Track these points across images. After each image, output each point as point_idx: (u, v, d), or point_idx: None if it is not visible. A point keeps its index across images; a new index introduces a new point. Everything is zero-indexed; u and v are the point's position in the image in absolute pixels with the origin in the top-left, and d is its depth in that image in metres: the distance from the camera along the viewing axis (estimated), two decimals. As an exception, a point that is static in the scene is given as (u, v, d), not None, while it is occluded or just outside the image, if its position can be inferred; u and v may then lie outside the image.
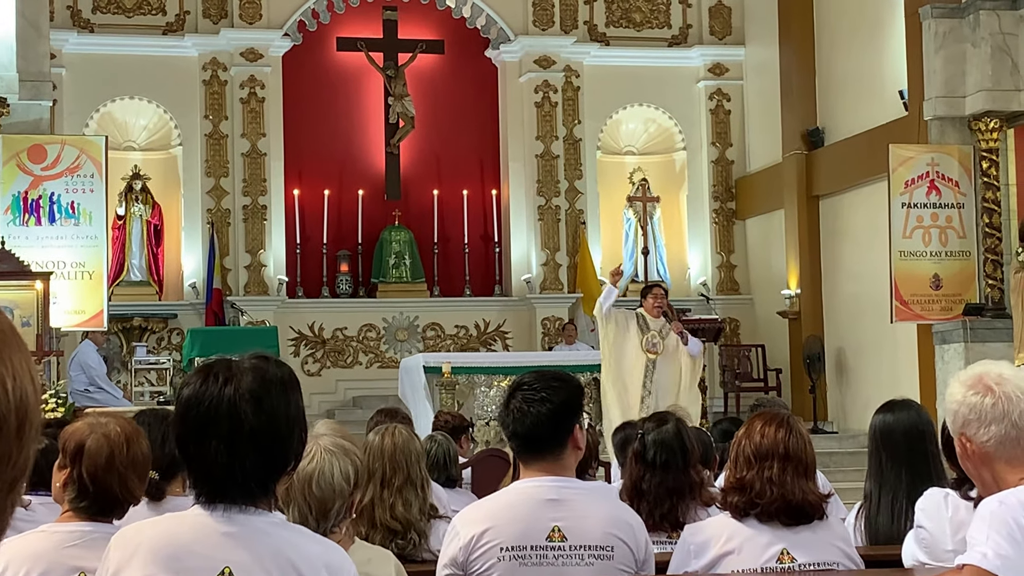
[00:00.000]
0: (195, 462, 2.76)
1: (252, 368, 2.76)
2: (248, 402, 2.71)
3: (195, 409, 2.74)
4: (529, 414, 4.05)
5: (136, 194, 19.40)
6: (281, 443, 2.74)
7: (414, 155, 20.74)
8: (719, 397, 19.17)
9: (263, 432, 2.71)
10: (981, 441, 3.30)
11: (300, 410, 2.80)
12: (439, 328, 20.10)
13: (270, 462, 2.74)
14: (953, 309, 15.51)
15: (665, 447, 5.14)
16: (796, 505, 4.30)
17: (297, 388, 2.80)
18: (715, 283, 20.90)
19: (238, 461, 2.71)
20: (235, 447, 2.70)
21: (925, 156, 15.68)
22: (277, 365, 2.81)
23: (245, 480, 2.73)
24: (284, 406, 2.75)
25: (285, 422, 2.75)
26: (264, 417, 2.72)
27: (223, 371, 2.76)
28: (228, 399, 2.72)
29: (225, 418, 2.71)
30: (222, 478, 2.73)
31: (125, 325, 18.84)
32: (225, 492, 2.73)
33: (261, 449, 2.72)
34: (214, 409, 2.72)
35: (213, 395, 2.73)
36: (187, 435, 2.76)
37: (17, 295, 13.49)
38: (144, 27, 19.64)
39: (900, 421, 5.22)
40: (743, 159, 21.13)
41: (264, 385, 2.74)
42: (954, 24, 15.55)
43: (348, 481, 3.74)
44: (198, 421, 2.73)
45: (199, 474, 2.77)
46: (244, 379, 2.74)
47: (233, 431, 2.70)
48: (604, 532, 4.07)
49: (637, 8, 21.21)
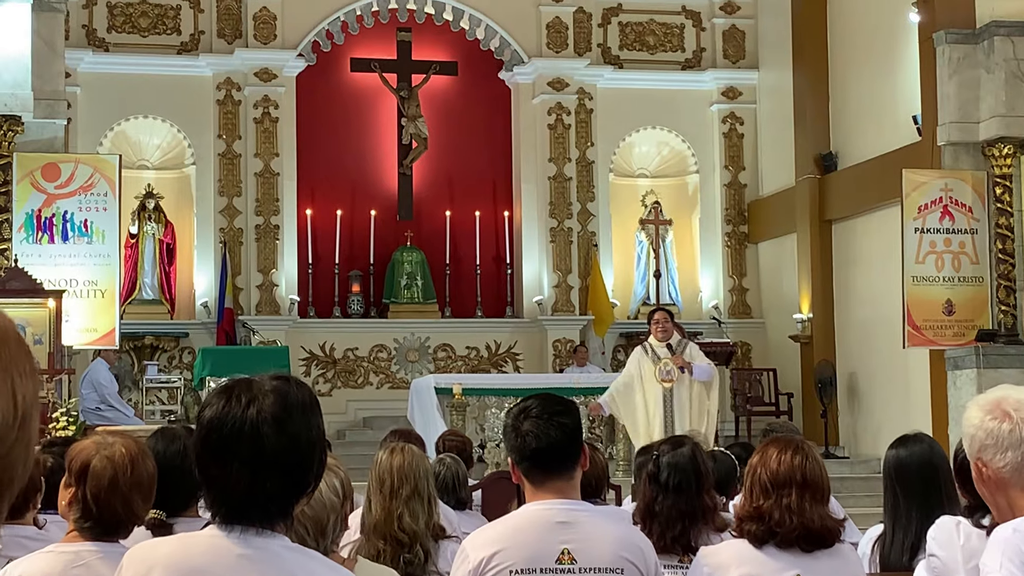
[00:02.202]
0: (215, 483, 2.75)
1: (274, 390, 2.75)
2: (270, 425, 2.70)
3: (217, 431, 2.72)
4: (552, 429, 4.06)
5: (149, 213, 19.43)
6: (302, 466, 2.73)
7: (427, 176, 20.76)
8: (730, 421, 19.13)
9: (285, 455, 2.70)
10: (997, 467, 3.28)
11: (321, 432, 2.79)
12: (450, 349, 20.09)
13: (291, 485, 2.73)
14: (966, 335, 15.47)
15: (679, 470, 5.11)
16: (815, 532, 4.28)
17: (318, 410, 2.79)
18: (727, 306, 20.87)
19: (259, 484, 2.69)
20: (257, 470, 2.69)
21: (938, 182, 15.66)
22: (298, 386, 2.79)
23: (266, 503, 2.71)
24: (306, 429, 2.73)
25: (307, 445, 2.73)
26: (286, 440, 2.70)
27: (245, 392, 2.74)
28: (251, 421, 2.70)
29: (248, 440, 2.69)
30: (242, 500, 2.71)
31: (137, 344, 18.86)
32: (244, 514, 2.71)
33: (283, 472, 2.70)
34: (237, 431, 2.70)
35: (236, 417, 2.71)
36: (208, 457, 2.74)
37: (29, 313, 13.50)
38: (159, 46, 19.70)
39: (914, 456, 5.18)
40: (756, 183, 21.12)
41: (286, 408, 2.72)
42: (968, 50, 15.55)
43: (338, 494, 3.76)
44: (220, 443, 2.72)
45: (218, 495, 2.76)
46: (266, 401, 2.72)
47: (255, 454, 2.69)
48: (614, 554, 4.05)
49: (651, 31, 21.24)
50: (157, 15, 19.78)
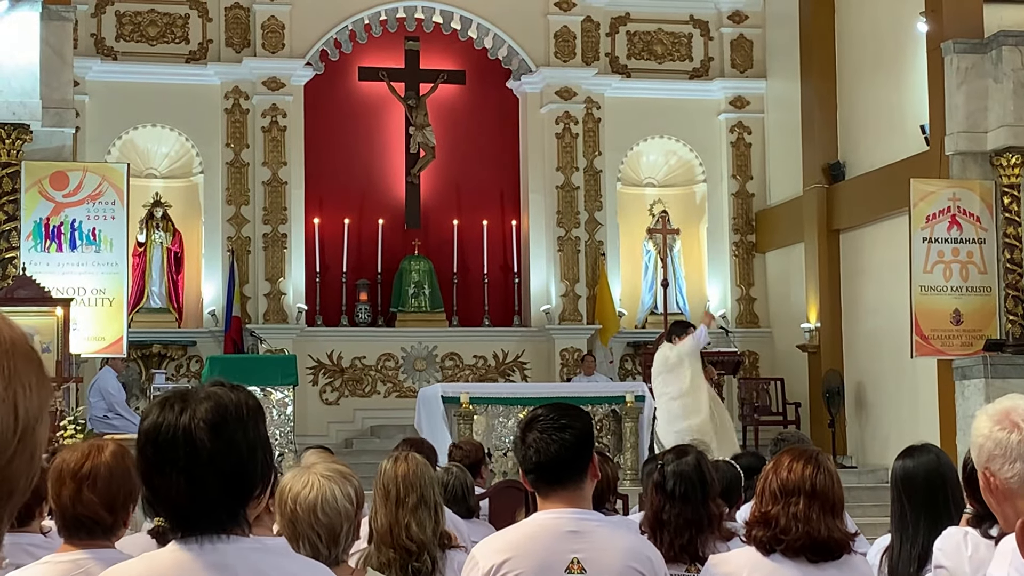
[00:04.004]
0: (159, 494, 2.74)
1: (208, 396, 2.73)
2: (204, 430, 2.67)
3: (153, 441, 2.71)
4: (553, 444, 4.07)
5: (157, 221, 19.44)
6: (243, 470, 2.70)
7: (434, 185, 20.77)
8: (738, 431, 19.09)
9: (221, 458, 2.68)
10: (1005, 477, 3.28)
11: (261, 433, 2.76)
12: (458, 358, 20.09)
13: (234, 488, 2.70)
14: (974, 345, 15.46)
15: (684, 478, 5.11)
16: (822, 542, 4.28)
17: (258, 415, 2.76)
18: (734, 316, 20.86)
19: (200, 490, 2.68)
20: (195, 476, 2.67)
21: (946, 191, 15.66)
22: (235, 390, 2.77)
23: (211, 510, 2.69)
24: (243, 432, 2.71)
25: (245, 446, 2.71)
26: (222, 444, 2.67)
27: (179, 401, 2.73)
28: (183, 428, 2.68)
29: (183, 447, 2.67)
30: (187, 508, 2.69)
31: (144, 352, 18.88)
32: (195, 523, 2.70)
33: (223, 477, 2.68)
34: (171, 439, 2.68)
35: (170, 424, 2.69)
36: (148, 467, 2.73)
37: (37, 321, 13.51)
38: (167, 55, 19.73)
39: (920, 466, 5.18)
40: (763, 192, 21.12)
41: (221, 413, 2.70)
42: (976, 60, 15.55)
43: (352, 502, 3.76)
44: (156, 452, 2.70)
45: (166, 508, 2.75)
46: (200, 408, 2.70)
47: (191, 460, 2.66)
48: (624, 564, 4.05)
49: (659, 40, 21.25)
50: (165, 24, 19.81)
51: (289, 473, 3.84)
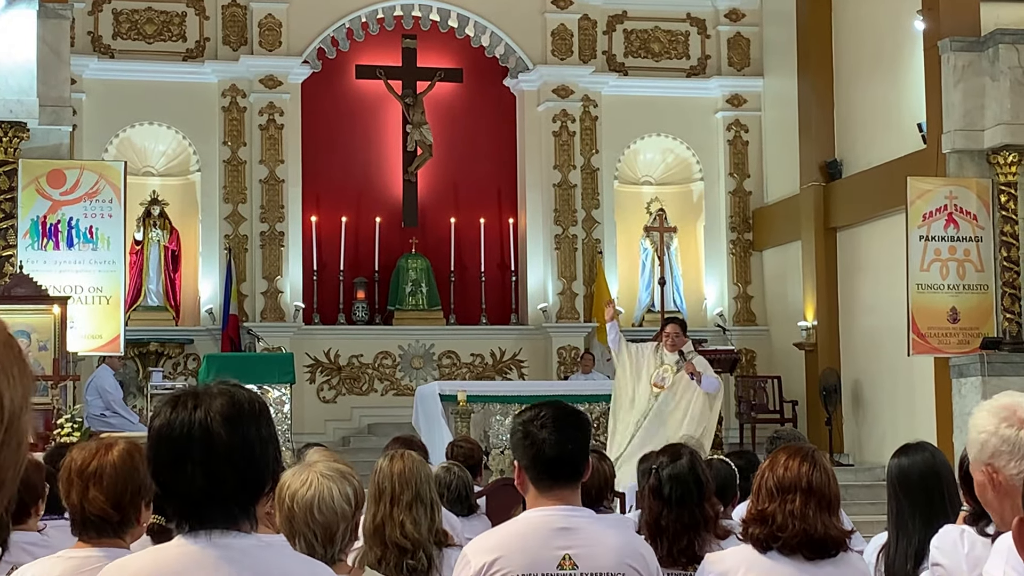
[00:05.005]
0: (172, 490, 2.76)
1: (221, 392, 2.77)
2: (220, 424, 2.71)
3: (167, 437, 2.73)
4: (563, 445, 4.08)
5: (154, 219, 19.44)
6: (256, 464, 2.74)
7: (431, 183, 20.77)
8: (735, 428, 19.12)
9: (238, 452, 2.71)
10: (1011, 473, 3.27)
11: (272, 431, 2.80)
12: (455, 356, 20.09)
13: (248, 482, 2.74)
14: (970, 343, 15.47)
15: (680, 482, 5.11)
16: (818, 539, 4.29)
17: (268, 414, 2.81)
18: (731, 314, 20.86)
19: (216, 483, 2.71)
20: (212, 469, 2.70)
21: (943, 189, 15.67)
22: (246, 392, 2.82)
23: (226, 502, 2.72)
24: (255, 426, 2.75)
25: (259, 442, 2.75)
26: (238, 438, 2.72)
27: (191, 398, 2.77)
28: (200, 422, 2.72)
29: (199, 441, 2.71)
30: (202, 502, 2.72)
31: (141, 350, 18.88)
32: (206, 516, 2.72)
33: (238, 470, 2.71)
34: (187, 434, 2.72)
35: (185, 421, 2.73)
36: (162, 463, 2.75)
37: (35, 319, 13.52)
38: (164, 53, 19.72)
39: (916, 464, 5.18)
40: (760, 190, 21.12)
41: (235, 408, 2.74)
42: (973, 58, 15.56)
43: (350, 503, 3.75)
44: (172, 448, 2.73)
45: (177, 502, 2.77)
46: (215, 403, 2.74)
47: (208, 453, 2.70)
48: (616, 561, 4.06)
49: (656, 38, 21.24)
50: (162, 22, 19.80)
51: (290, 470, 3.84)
